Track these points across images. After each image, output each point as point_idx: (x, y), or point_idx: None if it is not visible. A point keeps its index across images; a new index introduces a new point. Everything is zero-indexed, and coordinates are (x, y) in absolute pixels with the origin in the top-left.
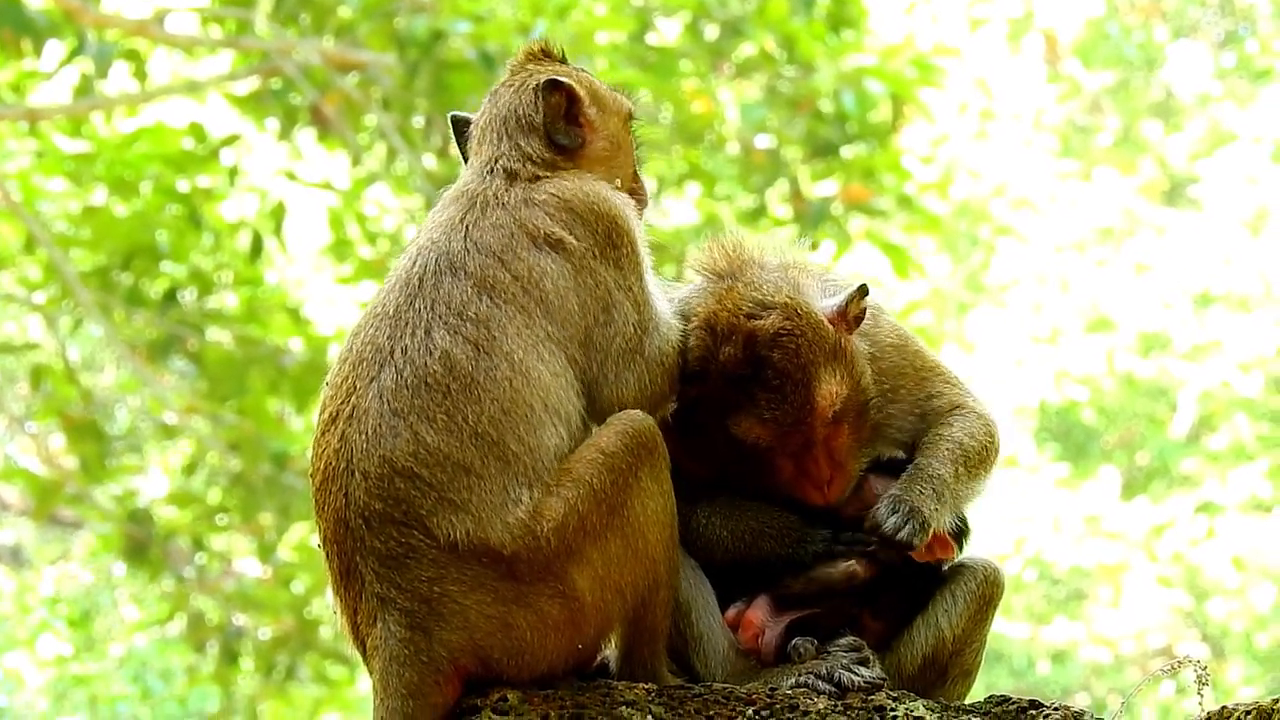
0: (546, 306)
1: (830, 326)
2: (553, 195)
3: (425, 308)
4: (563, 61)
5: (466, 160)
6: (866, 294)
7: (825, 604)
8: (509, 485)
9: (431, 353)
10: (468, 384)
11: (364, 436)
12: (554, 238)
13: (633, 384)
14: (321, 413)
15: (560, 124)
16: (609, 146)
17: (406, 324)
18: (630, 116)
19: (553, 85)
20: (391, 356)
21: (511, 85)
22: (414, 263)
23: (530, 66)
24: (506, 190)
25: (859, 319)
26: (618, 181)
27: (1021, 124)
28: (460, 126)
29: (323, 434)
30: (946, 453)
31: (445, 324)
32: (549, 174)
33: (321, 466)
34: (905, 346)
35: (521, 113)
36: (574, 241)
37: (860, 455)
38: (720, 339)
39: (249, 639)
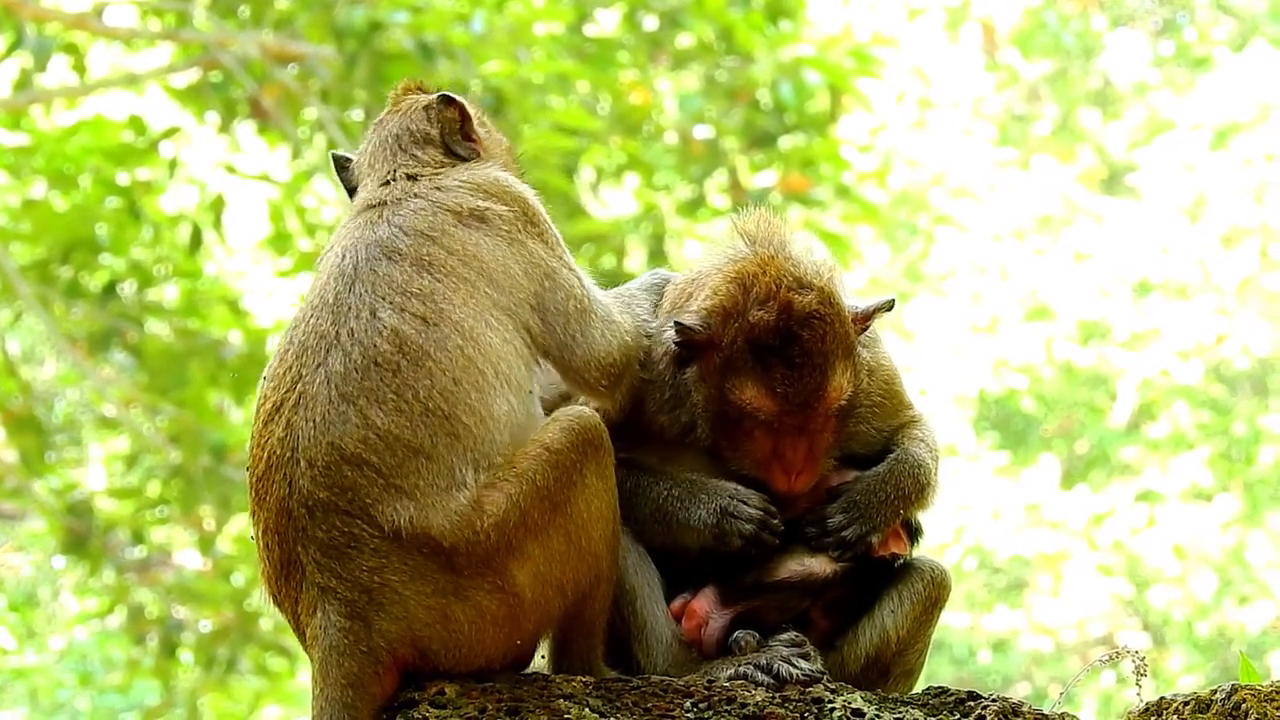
0: (489, 276)
1: (852, 325)
2: (463, 181)
3: (367, 291)
4: None
5: (351, 194)
6: (892, 309)
7: (774, 598)
8: (456, 465)
9: (380, 332)
10: (418, 357)
11: (311, 424)
12: (477, 212)
13: (598, 339)
14: (262, 404)
15: (457, 136)
16: (501, 163)
17: (349, 309)
18: (508, 150)
19: (446, 100)
20: (338, 340)
21: (398, 111)
22: (343, 257)
23: (411, 96)
24: (413, 185)
25: (867, 327)
26: None
27: (959, 113)
28: (342, 164)
29: (265, 425)
30: (924, 446)
31: (390, 303)
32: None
33: (264, 456)
34: (893, 381)
35: (415, 128)
36: (496, 216)
37: (830, 456)
38: (753, 301)
39: (189, 631)
